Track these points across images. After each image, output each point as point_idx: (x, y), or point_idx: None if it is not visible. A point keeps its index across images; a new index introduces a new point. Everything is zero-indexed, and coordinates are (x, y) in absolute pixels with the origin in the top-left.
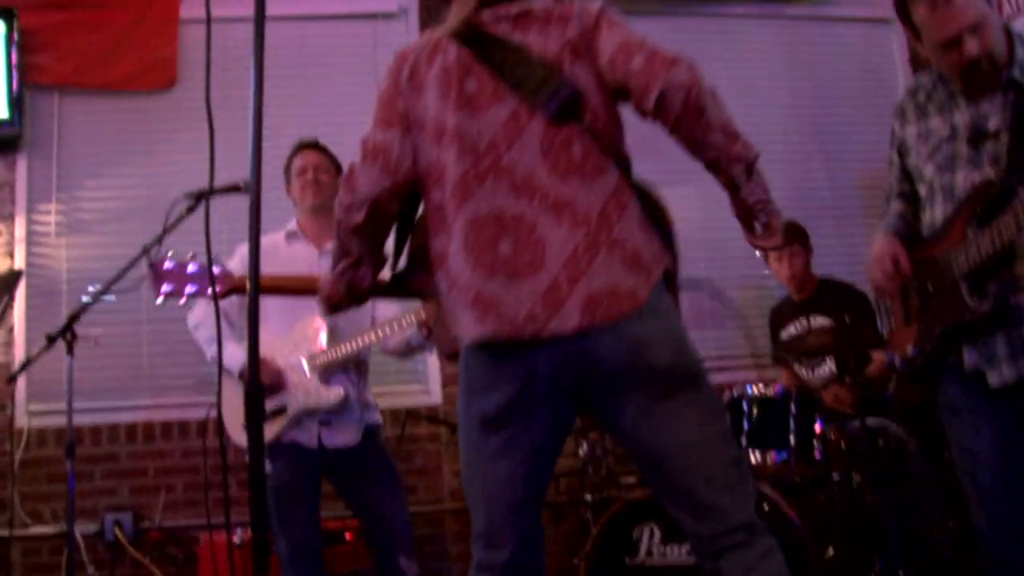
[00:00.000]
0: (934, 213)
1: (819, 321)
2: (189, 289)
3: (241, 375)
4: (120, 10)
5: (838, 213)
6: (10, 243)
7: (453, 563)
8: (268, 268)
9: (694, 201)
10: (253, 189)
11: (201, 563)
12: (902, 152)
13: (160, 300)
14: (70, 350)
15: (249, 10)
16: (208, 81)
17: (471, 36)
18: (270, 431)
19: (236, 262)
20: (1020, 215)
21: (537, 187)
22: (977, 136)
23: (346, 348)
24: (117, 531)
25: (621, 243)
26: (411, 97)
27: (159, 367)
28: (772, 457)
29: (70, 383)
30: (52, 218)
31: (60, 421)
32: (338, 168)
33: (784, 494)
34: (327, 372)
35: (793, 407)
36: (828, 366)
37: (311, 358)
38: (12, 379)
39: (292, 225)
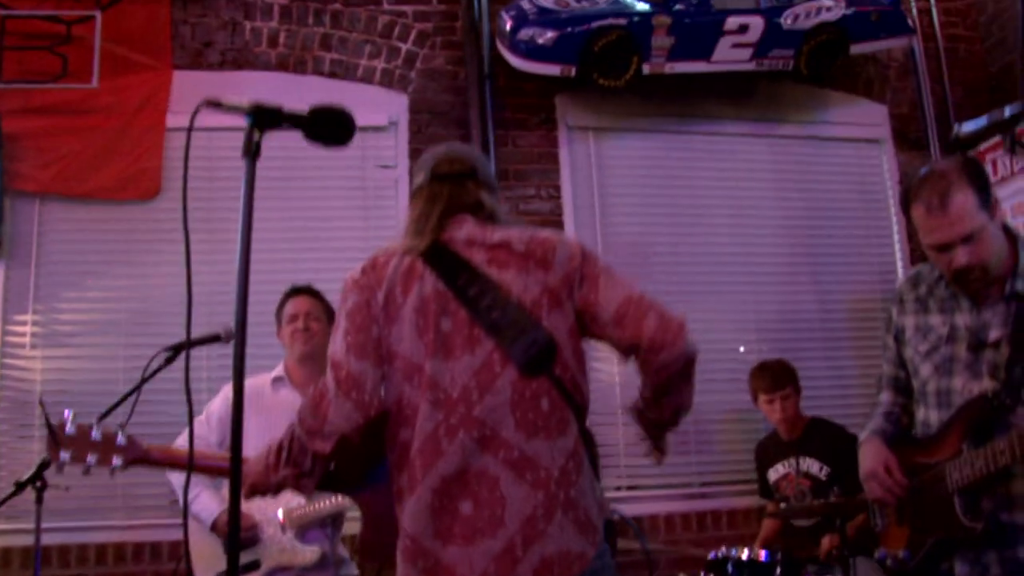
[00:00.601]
0: (928, 414)
1: (808, 463)
2: (90, 458)
3: (214, 526)
4: (106, 117)
5: (827, 337)
6: None
7: None
8: (253, 413)
9: None
10: (237, 343)
11: None
12: (899, 339)
13: (55, 468)
14: (39, 498)
15: (234, 120)
16: (187, 235)
17: (447, 263)
18: None
19: (219, 403)
20: (1015, 442)
21: (503, 442)
22: (977, 344)
23: (325, 504)
24: None
25: (575, 504)
26: (385, 325)
27: (133, 486)
28: None
29: (38, 519)
30: (28, 328)
31: (27, 540)
32: (330, 314)
33: None
34: (304, 527)
35: (779, 570)
36: None
37: (288, 512)
38: None
39: (279, 370)
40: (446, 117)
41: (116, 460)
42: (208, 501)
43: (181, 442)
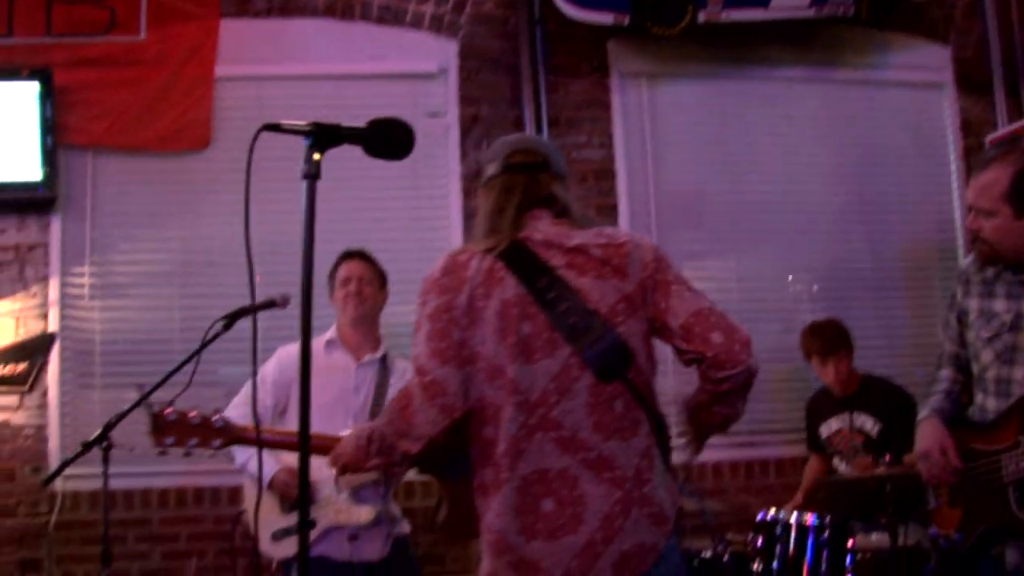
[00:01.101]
0: (986, 401)
1: (863, 419)
2: (191, 442)
3: (270, 484)
4: (155, 68)
5: (878, 287)
6: (44, 306)
7: None
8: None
9: (733, 273)
10: (304, 316)
11: None
12: (962, 321)
13: (156, 450)
14: (106, 458)
15: (284, 69)
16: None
17: (526, 266)
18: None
19: (272, 366)
20: None
21: (582, 444)
22: None
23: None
24: None
25: (649, 500)
26: (468, 328)
27: None
28: None
29: (105, 478)
30: (86, 280)
31: (94, 484)
32: (382, 278)
33: None
34: (358, 487)
35: (827, 533)
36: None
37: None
38: (47, 482)
39: (332, 333)
40: (496, 64)
41: (215, 442)
42: (266, 459)
43: (236, 409)
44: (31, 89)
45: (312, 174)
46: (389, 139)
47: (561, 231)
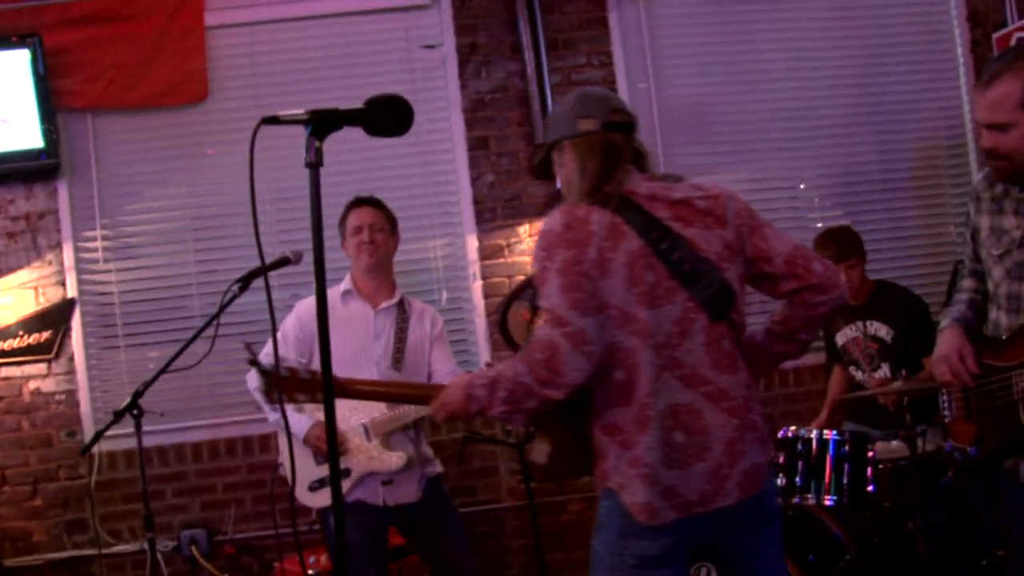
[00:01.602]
0: (999, 316)
1: (876, 326)
2: (301, 397)
3: (305, 439)
4: (144, 22)
5: (887, 189)
6: (60, 272)
7: (513, 557)
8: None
9: (744, 185)
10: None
11: None
12: (974, 239)
13: (268, 407)
14: (138, 426)
15: (275, 12)
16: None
17: (641, 220)
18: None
19: (292, 321)
20: None
21: (702, 379)
22: None
23: (406, 413)
24: (193, 548)
25: (756, 426)
26: (599, 279)
27: (219, 386)
28: (826, 502)
29: (140, 443)
30: (99, 244)
31: (128, 444)
32: (393, 222)
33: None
34: (388, 434)
35: (847, 447)
36: (883, 371)
37: (373, 422)
38: (84, 451)
39: (347, 283)
40: None
41: (320, 395)
42: (295, 416)
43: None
44: (22, 56)
45: (315, 162)
46: (389, 117)
47: (662, 185)
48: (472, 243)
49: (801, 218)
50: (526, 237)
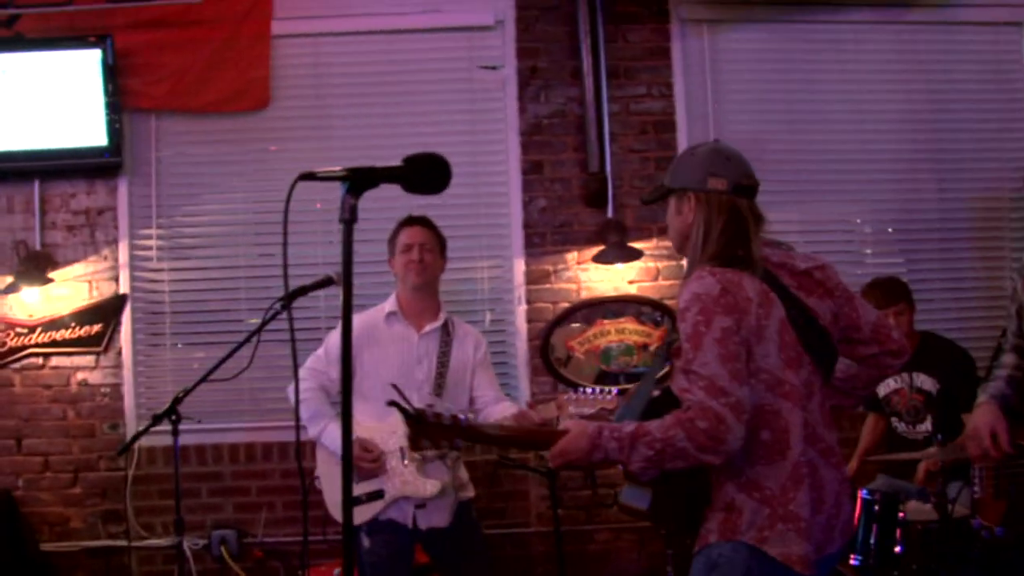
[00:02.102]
0: None
1: (922, 379)
2: (443, 444)
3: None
4: (213, 28)
5: (945, 239)
6: (114, 268)
7: None
8: (368, 348)
9: (795, 225)
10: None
11: None
12: (1020, 314)
13: (409, 446)
14: (175, 431)
15: (339, 25)
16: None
17: (778, 288)
18: (368, 512)
19: (336, 339)
20: None
21: (819, 437)
22: None
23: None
24: (223, 548)
25: (847, 480)
26: (754, 346)
27: (260, 391)
28: (852, 561)
29: (176, 448)
30: (153, 243)
31: (168, 440)
32: (442, 244)
33: None
34: (425, 459)
35: (878, 508)
36: (927, 425)
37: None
38: (122, 452)
39: (392, 304)
40: (555, 12)
41: (459, 442)
42: (335, 432)
43: (304, 382)
44: (93, 56)
45: (350, 219)
46: (426, 175)
47: (785, 254)
48: (520, 267)
49: (856, 263)
50: (573, 264)
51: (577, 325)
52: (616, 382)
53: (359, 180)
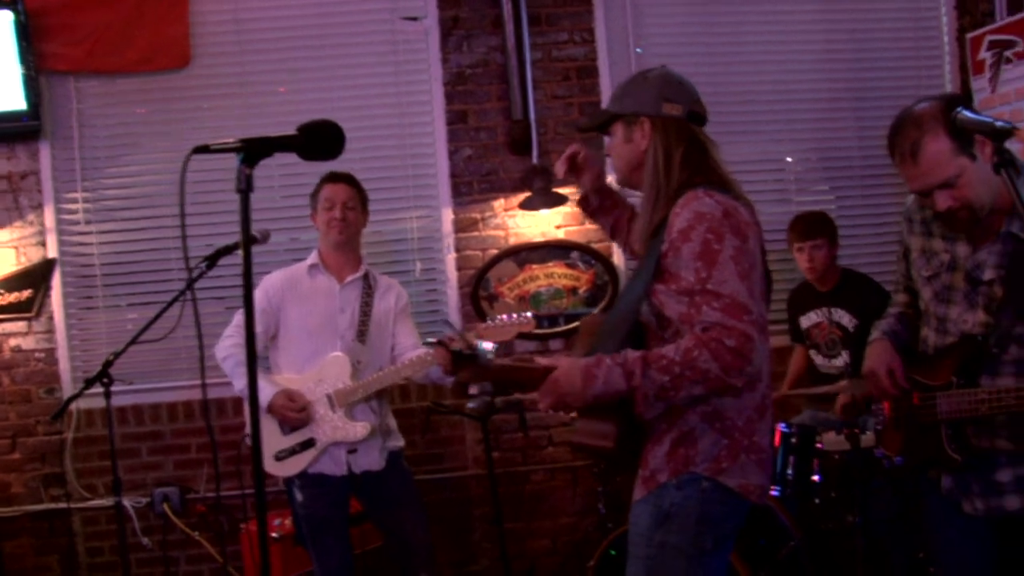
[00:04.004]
0: (928, 335)
1: (840, 314)
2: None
3: (270, 408)
4: None
5: (866, 171)
6: (41, 233)
7: (476, 524)
8: (291, 301)
9: (725, 165)
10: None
11: (244, 544)
12: (907, 257)
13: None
14: (107, 394)
15: None
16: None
17: None
18: (300, 463)
19: (259, 295)
20: (994, 398)
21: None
22: (973, 281)
23: (370, 384)
24: (165, 505)
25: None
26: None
27: (196, 349)
28: (771, 491)
29: (109, 411)
30: (80, 206)
31: (103, 403)
32: (364, 200)
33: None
34: (352, 405)
35: (795, 440)
36: (843, 358)
37: (337, 392)
38: (56, 417)
39: (314, 257)
40: None
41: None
42: (262, 385)
43: (229, 339)
44: (5, 17)
45: (245, 189)
46: (321, 142)
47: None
48: (448, 216)
49: (783, 200)
50: (501, 211)
51: (507, 271)
52: (556, 324)
53: (253, 150)
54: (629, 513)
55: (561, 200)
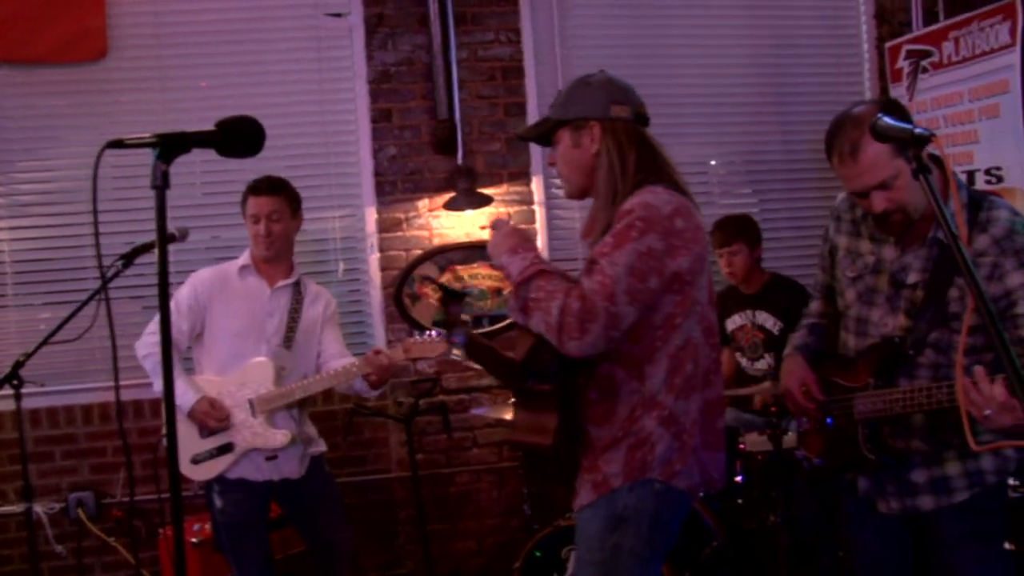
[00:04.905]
0: (847, 337)
1: (763, 317)
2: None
3: (191, 413)
4: None
5: (789, 175)
6: None
7: (401, 526)
8: (217, 301)
9: None
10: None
11: (162, 550)
12: (832, 256)
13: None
14: (18, 396)
15: None
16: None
17: None
18: (217, 467)
19: (186, 290)
20: (908, 397)
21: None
22: (897, 283)
23: (293, 392)
24: (80, 510)
25: None
26: (698, 276)
27: (110, 350)
28: None
29: (19, 410)
30: None
31: (15, 405)
32: (294, 205)
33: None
34: (272, 412)
35: None
36: (766, 361)
37: (259, 398)
38: None
39: (245, 258)
40: None
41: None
42: (184, 388)
43: (150, 336)
44: None
45: (161, 185)
46: (239, 139)
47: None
48: (371, 215)
49: (708, 203)
50: (425, 212)
51: (430, 272)
52: (480, 325)
53: (170, 146)
54: (575, 517)
55: (486, 201)
